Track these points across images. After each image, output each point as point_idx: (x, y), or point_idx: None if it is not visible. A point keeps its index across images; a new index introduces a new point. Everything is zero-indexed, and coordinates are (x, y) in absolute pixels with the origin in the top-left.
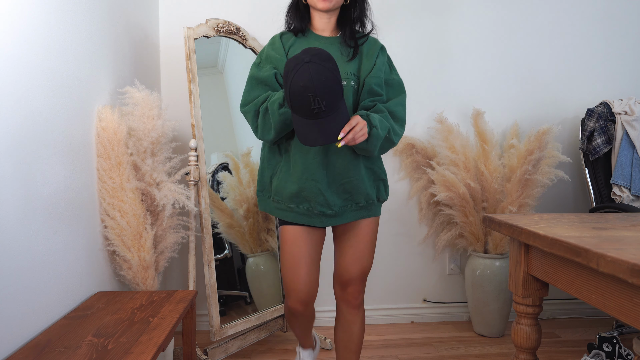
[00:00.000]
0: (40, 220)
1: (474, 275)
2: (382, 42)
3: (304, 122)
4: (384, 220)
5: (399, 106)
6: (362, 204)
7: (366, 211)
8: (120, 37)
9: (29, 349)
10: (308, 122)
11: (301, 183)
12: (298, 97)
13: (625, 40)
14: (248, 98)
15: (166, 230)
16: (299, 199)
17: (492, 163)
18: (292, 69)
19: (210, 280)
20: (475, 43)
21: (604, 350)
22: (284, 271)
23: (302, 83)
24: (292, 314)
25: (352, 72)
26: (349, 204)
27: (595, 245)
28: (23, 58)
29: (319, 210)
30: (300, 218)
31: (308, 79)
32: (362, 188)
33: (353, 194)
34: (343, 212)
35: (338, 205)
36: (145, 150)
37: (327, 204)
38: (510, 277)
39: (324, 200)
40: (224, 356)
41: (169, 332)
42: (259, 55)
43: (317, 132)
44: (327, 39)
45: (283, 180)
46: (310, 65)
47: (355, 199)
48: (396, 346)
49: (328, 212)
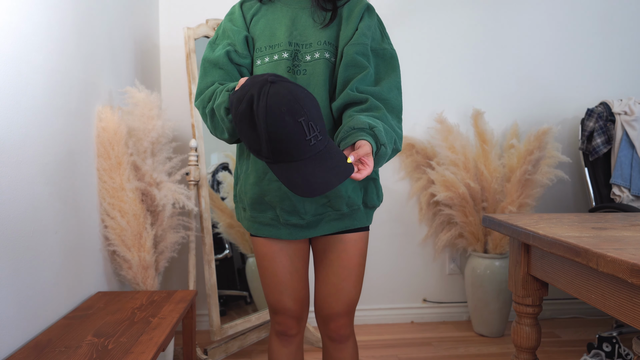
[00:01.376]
0: (40, 220)
1: (474, 275)
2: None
3: (298, 166)
4: (384, 220)
5: (394, 90)
6: (343, 211)
7: (349, 220)
8: (120, 37)
9: (29, 349)
10: (306, 164)
11: (263, 185)
12: (282, 132)
13: (625, 40)
14: (200, 86)
15: (166, 230)
16: (262, 205)
17: (492, 163)
18: (257, 97)
19: (210, 280)
20: (475, 43)
21: (603, 350)
22: (266, 291)
23: (284, 107)
24: (283, 337)
25: (327, 42)
26: (326, 210)
27: (595, 245)
28: (23, 58)
29: (286, 220)
30: (264, 230)
31: (290, 99)
32: (342, 190)
33: (331, 198)
34: (318, 222)
35: (310, 212)
36: (145, 150)
37: (295, 210)
38: (510, 277)
39: (291, 206)
40: (224, 356)
41: (169, 332)
42: (215, 31)
43: (325, 171)
44: (298, 2)
45: (244, 182)
46: (281, 83)
47: (334, 204)
48: (396, 346)
49: (297, 222)
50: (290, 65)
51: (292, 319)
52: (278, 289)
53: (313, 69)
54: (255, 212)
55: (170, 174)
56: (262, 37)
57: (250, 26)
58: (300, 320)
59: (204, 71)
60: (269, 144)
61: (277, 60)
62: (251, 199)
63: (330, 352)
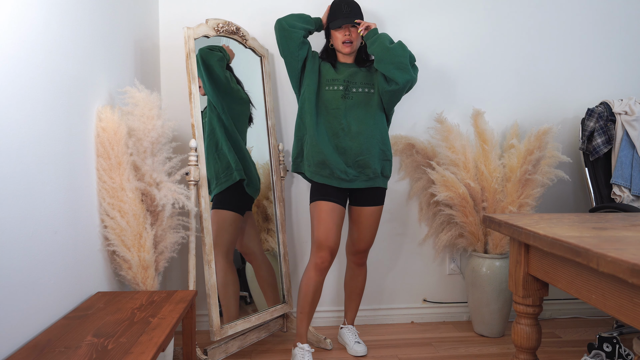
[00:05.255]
0: (40, 220)
1: (474, 275)
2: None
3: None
4: (384, 220)
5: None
6: (370, 176)
7: (372, 181)
8: (120, 37)
9: (29, 349)
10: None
11: (326, 157)
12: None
13: (625, 40)
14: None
15: (166, 230)
16: (324, 165)
17: (492, 163)
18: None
19: (210, 280)
20: (475, 43)
21: (604, 350)
22: (317, 233)
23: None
24: (318, 268)
25: (365, 82)
26: (360, 175)
27: (595, 245)
28: (23, 58)
29: (338, 175)
30: (324, 179)
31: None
32: (372, 165)
33: (364, 168)
34: (354, 180)
35: (351, 174)
36: (145, 150)
37: (344, 171)
38: (510, 277)
39: (343, 169)
40: (224, 356)
41: (169, 332)
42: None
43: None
44: (346, 64)
45: (311, 150)
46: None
47: (365, 171)
48: (396, 346)
49: (344, 177)
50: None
51: (329, 254)
52: (326, 232)
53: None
54: (318, 169)
55: (170, 174)
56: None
57: (320, 69)
58: (332, 256)
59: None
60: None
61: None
62: (317, 161)
63: (354, 270)
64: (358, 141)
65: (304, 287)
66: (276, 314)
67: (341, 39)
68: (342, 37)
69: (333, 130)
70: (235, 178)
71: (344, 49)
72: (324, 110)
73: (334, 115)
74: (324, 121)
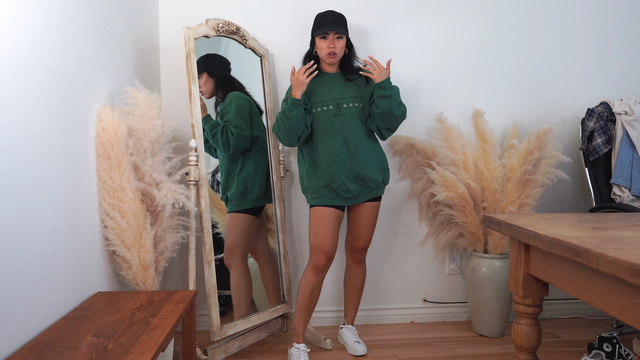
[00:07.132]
0: (40, 220)
1: (474, 275)
2: (382, 43)
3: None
4: (384, 220)
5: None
6: (372, 187)
7: (375, 192)
8: (120, 37)
9: (29, 349)
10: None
11: (329, 178)
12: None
13: (625, 40)
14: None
15: (166, 230)
16: (328, 189)
17: (492, 163)
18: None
19: (210, 280)
20: (475, 42)
21: (604, 350)
22: (315, 238)
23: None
24: (315, 269)
25: (354, 96)
26: (363, 188)
27: (595, 245)
28: (23, 58)
29: (343, 195)
30: (329, 201)
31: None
32: (372, 177)
33: (366, 181)
34: (358, 196)
35: (355, 191)
36: (145, 150)
37: (347, 190)
38: (510, 277)
39: (346, 188)
40: (224, 356)
41: (169, 332)
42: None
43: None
44: (332, 74)
45: (312, 177)
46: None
47: (367, 184)
48: (396, 346)
49: (349, 196)
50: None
51: (325, 257)
52: (322, 237)
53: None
54: (323, 191)
55: (170, 174)
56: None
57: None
58: (329, 259)
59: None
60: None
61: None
62: (321, 186)
63: (353, 268)
64: (357, 157)
65: (302, 287)
66: (276, 314)
67: (326, 50)
68: (327, 48)
69: (331, 149)
70: (261, 203)
71: (327, 59)
72: (319, 132)
73: (330, 134)
74: (320, 143)
